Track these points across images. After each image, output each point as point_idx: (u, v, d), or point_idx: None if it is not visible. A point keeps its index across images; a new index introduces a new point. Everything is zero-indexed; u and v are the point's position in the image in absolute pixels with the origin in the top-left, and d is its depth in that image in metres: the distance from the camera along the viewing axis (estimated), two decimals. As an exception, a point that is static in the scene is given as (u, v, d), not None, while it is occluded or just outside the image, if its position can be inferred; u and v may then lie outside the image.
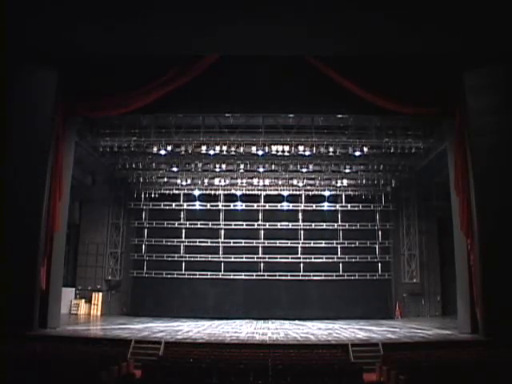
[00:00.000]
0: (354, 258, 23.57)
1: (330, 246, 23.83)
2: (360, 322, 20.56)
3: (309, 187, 23.79)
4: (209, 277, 23.53)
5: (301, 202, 24.35)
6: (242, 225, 24.21)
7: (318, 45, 15.10)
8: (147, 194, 24.26)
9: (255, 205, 24.39)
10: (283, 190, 23.93)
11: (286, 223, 24.25)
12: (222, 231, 24.34)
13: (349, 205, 24.25)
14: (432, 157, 20.22)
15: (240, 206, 24.42)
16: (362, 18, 13.64)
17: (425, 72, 15.42)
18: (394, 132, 19.31)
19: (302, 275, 23.52)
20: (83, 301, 22.70)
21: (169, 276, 23.66)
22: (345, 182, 23.17)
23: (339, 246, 23.87)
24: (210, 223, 24.35)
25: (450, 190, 16.65)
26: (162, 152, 20.11)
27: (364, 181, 22.72)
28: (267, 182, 23.03)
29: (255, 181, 23.04)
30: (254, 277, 23.53)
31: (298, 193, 24.19)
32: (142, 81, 15.74)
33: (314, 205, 24.32)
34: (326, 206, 24.35)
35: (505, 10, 13.08)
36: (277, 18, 13.63)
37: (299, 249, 23.91)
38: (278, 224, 24.22)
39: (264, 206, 24.35)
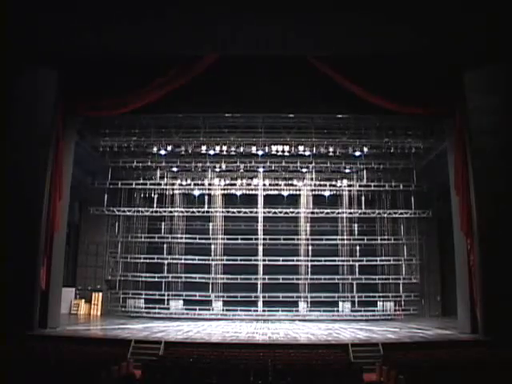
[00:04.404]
0: (359, 280, 22.72)
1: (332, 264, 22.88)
2: (360, 321, 20.56)
3: (309, 187, 23.73)
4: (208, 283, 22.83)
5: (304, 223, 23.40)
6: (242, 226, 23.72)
7: (318, 45, 15.09)
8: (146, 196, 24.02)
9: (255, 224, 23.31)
10: (283, 190, 23.77)
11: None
12: (221, 248, 23.31)
13: (354, 225, 23.47)
14: (432, 157, 20.24)
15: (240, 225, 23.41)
16: (362, 18, 13.67)
17: (425, 72, 15.42)
18: (394, 132, 19.34)
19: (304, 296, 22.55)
20: (83, 301, 22.68)
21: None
22: (345, 181, 23.16)
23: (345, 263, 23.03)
24: (208, 241, 23.22)
25: (450, 189, 16.67)
26: (162, 152, 20.13)
27: (364, 181, 22.73)
28: (267, 182, 23.03)
29: (255, 181, 23.05)
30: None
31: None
32: (142, 81, 15.72)
33: (316, 225, 23.31)
34: (328, 226, 23.50)
35: (505, 10, 13.09)
36: (277, 17, 13.65)
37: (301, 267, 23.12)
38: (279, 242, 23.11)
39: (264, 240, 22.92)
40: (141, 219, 23.69)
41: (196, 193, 24.03)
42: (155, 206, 23.20)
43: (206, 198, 23.72)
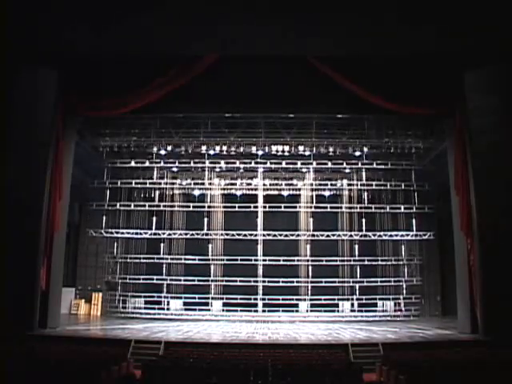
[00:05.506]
0: (360, 300, 22.04)
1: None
2: (360, 322, 20.55)
3: (308, 187, 23.60)
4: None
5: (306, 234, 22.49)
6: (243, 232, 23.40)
7: (318, 45, 15.11)
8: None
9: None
10: (283, 189, 23.59)
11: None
12: (221, 268, 22.78)
13: (355, 246, 22.71)
14: (432, 157, 20.24)
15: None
16: (362, 18, 13.66)
17: (425, 72, 15.43)
18: (394, 132, 19.34)
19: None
20: (83, 301, 22.70)
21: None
22: (345, 182, 23.11)
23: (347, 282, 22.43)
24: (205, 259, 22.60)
25: (450, 189, 16.67)
26: (162, 152, 20.11)
27: (364, 180, 22.68)
28: (267, 182, 22.98)
29: (255, 181, 23.01)
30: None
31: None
32: (142, 81, 15.75)
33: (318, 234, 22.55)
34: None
35: (505, 10, 13.09)
36: (277, 17, 13.64)
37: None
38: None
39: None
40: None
41: (196, 193, 23.79)
42: (154, 224, 22.56)
43: (206, 217, 22.71)
